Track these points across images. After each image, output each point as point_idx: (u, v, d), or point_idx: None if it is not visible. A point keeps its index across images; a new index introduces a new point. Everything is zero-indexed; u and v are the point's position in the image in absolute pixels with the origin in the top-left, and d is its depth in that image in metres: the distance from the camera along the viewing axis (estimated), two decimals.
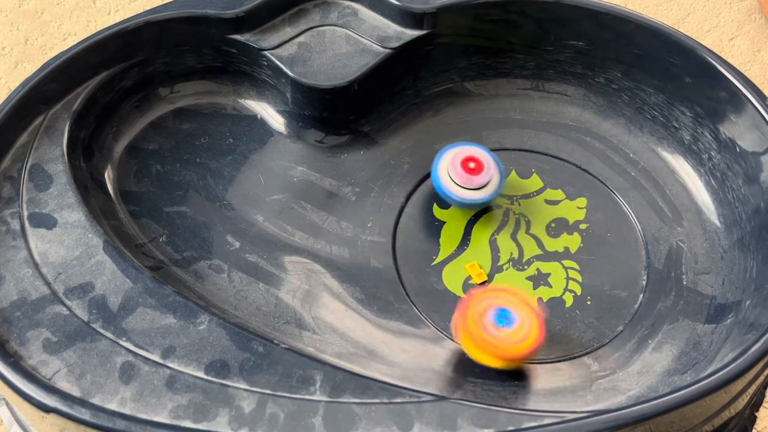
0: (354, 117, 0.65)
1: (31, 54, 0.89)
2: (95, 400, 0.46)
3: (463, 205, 0.62)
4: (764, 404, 0.58)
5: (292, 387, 0.47)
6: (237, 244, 0.59)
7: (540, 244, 0.61)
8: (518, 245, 0.61)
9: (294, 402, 0.46)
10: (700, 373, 0.52)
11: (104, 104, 0.61)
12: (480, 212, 0.63)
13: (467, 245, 0.61)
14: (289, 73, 0.62)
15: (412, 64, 0.66)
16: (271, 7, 0.63)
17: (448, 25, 0.64)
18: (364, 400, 0.47)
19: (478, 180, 0.60)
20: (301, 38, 0.64)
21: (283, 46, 0.63)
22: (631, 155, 0.66)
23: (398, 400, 0.47)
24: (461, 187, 0.60)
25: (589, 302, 0.58)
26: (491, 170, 0.60)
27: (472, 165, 0.60)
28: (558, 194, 0.64)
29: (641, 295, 0.58)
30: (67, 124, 0.58)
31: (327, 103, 0.63)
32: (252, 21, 0.63)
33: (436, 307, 0.58)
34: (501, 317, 0.51)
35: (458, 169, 0.60)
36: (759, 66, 0.90)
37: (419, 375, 0.53)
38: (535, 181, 0.65)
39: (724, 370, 0.46)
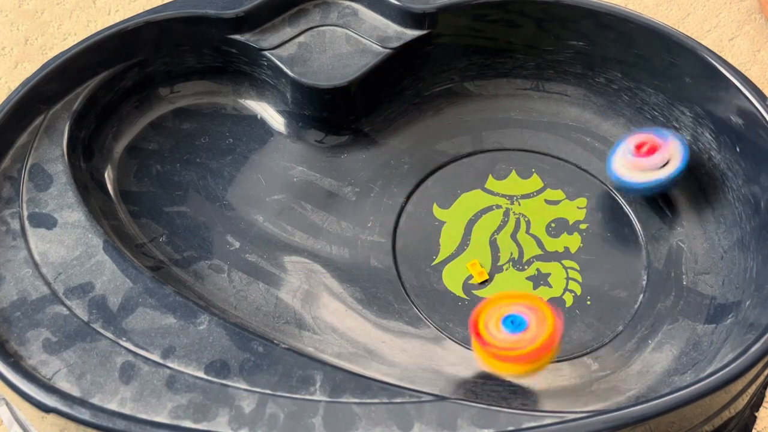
0: (354, 117, 0.65)
1: (31, 54, 0.89)
2: (95, 400, 0.46)
3: (648, 189, 0.60)
4: (764, 404, 0.58)
5: (292, 387, 0.47)
6: (237, 244, 0.59)
7: (540, 244, 0.61)
8: (518, 245, 0.61)
9: (294, 402, 0.46)
10: (700, 373, 0.52)
11: (104, 104, 0.61)
12: (480, 212, 0.63)
13: (467, 245, 0.61)
14: (289, 73, 0.62)
15: (412, 64, 0.66)
16: (271, 7, 0.63)
17: (448, 25, 0.64)
18: (364, 400, 0.47)
19: (654, 161, 0.59)
20: (301, 38, 0.64)
21: (283, 46, 0.63)
22: None
23: (398, 400, 0.47)
24: (642, 171, 0.59)
25: (589, 302, 0.58)
26: (668, 148, 0.59)
27: (645, 149, 0.59)
28: (558, 194, 0.64)
29: (641, 295, 0.58)
30: (67, 124, 0.58)
31: (327, 103, 0.63)
32: (252, 21, 0.63)
33: (436, 307, 0.58)
34: (510, 323, 0.50)
35: (632, 155, 0.59)
36: (759, 66, 0.90)
37: (419, 375, 0.53)
38: (535, 181, 0.65)
39: (724, 370, 0.46)
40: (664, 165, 0.58)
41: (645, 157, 0.58)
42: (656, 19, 0.62)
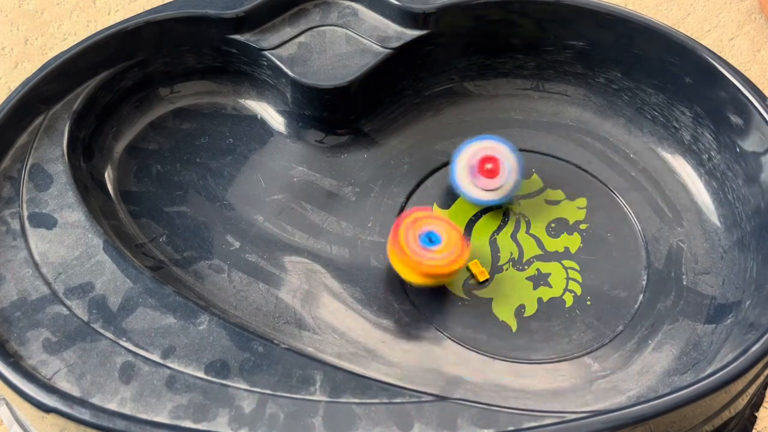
0: (354, 117, 0.65)
1: (31, 54, 0.89)
2: (95, 400, 0.46)
3: (473, 202, 0.63)
4: (764, 404, 0.58)
5: (292, 387, 0.47)
6: (237, 244, 0.59)
7: (540, 244, 0.61)
8: (518, 245, 0.61)
9: (294, 402, 0.46)
10: (700, 373, 0.52)
11: (104, 104, 0.61)
12: (480, 212, 0.63)
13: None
14: (289, 73, 0.62)
15: (412, 64, 0.66)
16: (271, 7, 0.63)
17: (448, 25, 0.64)
18: (364, 400, 0.47)
19: (492, 183, 0.61)
20: (301, 38, 0.64)
21: (283, 46, 0.63)
22: (631, 155, 0.65)
23: (398, 400, 0.47)
24: (476, 187, 0.61)
25: (589, 302, 0.58)
26: (505, 175, 0.61)
27: (489, 166, 0.61)
28: (558, 194, 0.64)
29: (641, 295, 0.58)
30: (67, 124, 0.58)
31: (327, 103, 0.63)
32: (252, 21, 0.63)
33: (436, 307, 0.58)
34: (428, 239, 0.55)
35: (475, 169, 0.61)
36: (759, 66, 0.90)
37: (419, 375, 0.53)
38: (535, 181, 0.65)
39: (724, 370, 0.46)
40: (501, 186, 0.61)
41: (486, 177, 0.61)
42: (656, 19, 0.63)
